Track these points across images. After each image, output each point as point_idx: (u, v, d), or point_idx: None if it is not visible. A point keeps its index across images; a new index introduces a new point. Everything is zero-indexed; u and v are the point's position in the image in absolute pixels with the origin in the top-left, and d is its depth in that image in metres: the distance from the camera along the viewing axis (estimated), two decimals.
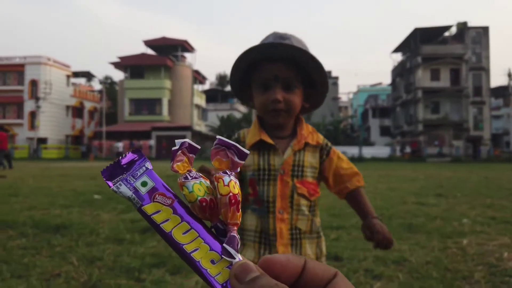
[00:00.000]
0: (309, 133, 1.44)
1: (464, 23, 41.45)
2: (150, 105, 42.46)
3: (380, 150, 40.57)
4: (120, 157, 0.41)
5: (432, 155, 38.08)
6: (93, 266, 2.98)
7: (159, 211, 0.37)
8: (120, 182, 0.39)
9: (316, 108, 1.50)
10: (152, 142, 37.88)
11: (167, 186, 0.39)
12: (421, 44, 41.50)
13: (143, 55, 43.17)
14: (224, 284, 0.34)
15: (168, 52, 44.50)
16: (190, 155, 0.39)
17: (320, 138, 1.45)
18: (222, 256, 0.35)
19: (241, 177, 1.40)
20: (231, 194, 0.37)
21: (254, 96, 1.40)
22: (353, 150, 37.48)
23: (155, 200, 0.37)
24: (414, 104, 41.80)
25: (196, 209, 0.37)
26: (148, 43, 43.91)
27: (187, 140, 0.39)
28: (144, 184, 0.38)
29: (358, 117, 61.40)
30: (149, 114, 42.31)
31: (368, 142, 48.45)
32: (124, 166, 0.40)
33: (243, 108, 51.79)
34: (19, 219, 4.63)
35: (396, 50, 48.09)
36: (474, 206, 6.15)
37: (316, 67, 1.34)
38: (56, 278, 2.72)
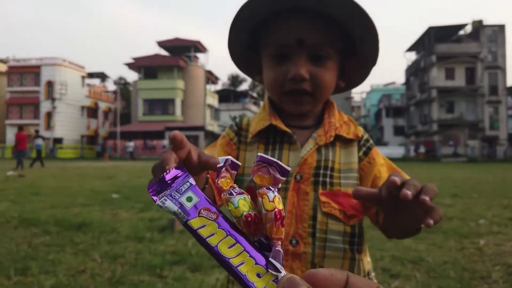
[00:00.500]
0: (342, 122, 0.98)
1: (480, 21, 40.84)
2: (163, 105, 42.83)
3: (393, 150, 40.23)
4: (165, 173, 0.43)
5: (447, 155, 37.65)
6: (116, 263, 3.07)
7: (205, 225, 0.37)
8: (165, 197, 0.40)
9: (355, 86, 1.04)
10: (165, 142, 38.21)
11: (210, 202, 0.40)
12: (436, 43, 41.01)
13: (156, 56, 43.57)
14: None
15: (181, 52, 44.83)
16: (233, 171, 0.41)
17: (360, 131, 0.98)
18: (268, 270, 0.36)
19: (236, 183, 0.91)
20: (276, 210, 0.37)
21: (263, 69, 0.96)
22: None
23: (200, 215, 0.38)
24: (429, 103, 41.35)
25: (241, 224, 0.38)
26: (161, 44, 44.30)
27: (229, 157, 0.41)
28: (189, 199, 0.39)
29: (371, 117, 60.97)
30: (162, 114, 42.69)
31: (381, 142, 48.10)
32: (168, 181, 0.42)
33: (255, 108, 51.91)
34: (42, 217, 4.76)
35: (410, 49, 47.61)
36: (490, 207, 6.12)
37: (362, 24, 0.85)
38: (82, 274, 2.82)
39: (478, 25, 40.86)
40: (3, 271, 2.81)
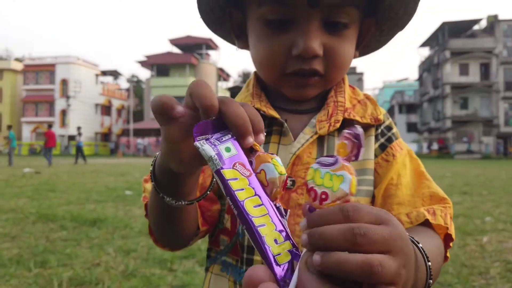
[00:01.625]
0: (356, 102, 0.73)
1: (495, 16, 40.18)
2: None
3: None
4: (212, 118, 0.42)
5: (461, 152, 37.25)
6: (129, 257, 3.24)
7: (237, 178, 0.37)
8: (204, 141, 0.40)
9: (368, 53, 0.80)
10: None
11: (246, 159, 0.40)
12: (450, 38, 40.50)
13: (168, 54, 43.96)
14: (282, 266, 0.34)
15: (193, 50, 45.12)
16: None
17: (380, 112, 0.72)
18: (286, 239, 0.36)
19: (219, 192, 0.70)
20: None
21: (251, 34, 0.69)
22: None
23: (235, 167, 0.38)
24: (442, 99, 40.90)
25: (278, 182, 0.38)
26: (174, 42, 44.65)
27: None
28: (228, 149, 0.39)
29: None
30: None
31: None
32: (213, 127, 0.41)
33: None
34: (59, 213, 4.97)
35: (424, 44, 47.09)
36: (499, 205, 6.14)
37: None
38: (97, 267, 2.99)
39: (493, 20, 40.19)
40: (24, 264, 3.00)
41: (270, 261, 0.34)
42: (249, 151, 0.41)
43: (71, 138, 42.80)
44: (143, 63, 45.19)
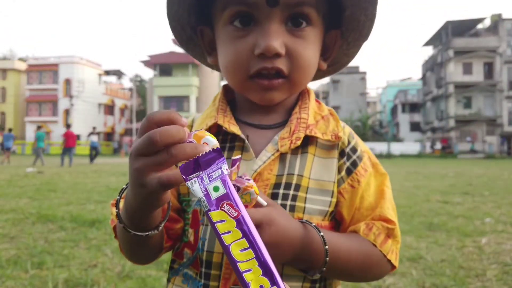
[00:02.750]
0: (320, 117, 0.72)
1: (499, 15, 39.99)
2: (178, 102, 43.28)
3: (409, 146, 39.82)
4: (201, 154, 0.42)
5: (464, 151, 37.11)
6: (126, 259, 3.24)
7: (224, 220, 0.37)
8: (196, 179, 0.40)
9: (339, 69, 0.81)
10: None
11: (237, 198, 0.40)
12: (453, 37, 40.35)
13: (171, 53, 44.01)
14: None
15: None
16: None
17: (341, 129, 0.71)
18: (273, 285, 0.36)
19: (182, 207, 0.72)
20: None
21: (219, 47, 0.71)
22: (382, 147, 36.99)
23: (222, 208, 0.38)
24: (445, 99, 40.75)
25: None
26: (177, 42, 44.69)
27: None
28: (216, 189, 0.39)
29: (387, 113, 60.36)
30: (177, 110, 41.95)
31: (397, 138, 47.63)
32: (203, 163, 0.42)
33: None
34: (58, 214, 4.99)
35: (427, 43, 46.92)
36: (500, 205, 6.11)
37: None
38: (94, 268, 3.00)
39: (497, 19, 40.02)
40: (21, 265, 3.01)
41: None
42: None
43: None
44: (146, 63, 45.27)
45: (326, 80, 52.17)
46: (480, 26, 42.07)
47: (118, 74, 55.47)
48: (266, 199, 0.57)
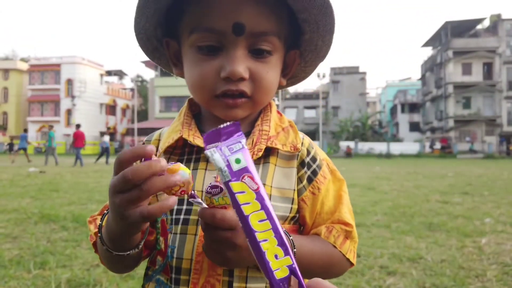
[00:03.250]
0: (280, 129, 0.77)
1: (498, 15, 39.99)
2: (179, 102, 43.32)
3: (409, 146, 39.84)
4: (222, 125, 0.45)
5: (463, 151, 37.11)
6: None
7: (244, 192, 0.39)
8: (215, 149, 0.42)
9: (296, 83, 0.87)
10: None
11: (256, 172, 0.41)
12: (452, 38, 40.36)
13: None
14: (280, 280, 0.37)
15: None
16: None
17: (299, 141, 0.76)
18: (286, 255, 0.38)
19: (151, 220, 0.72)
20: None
21: (185, 61, 0.74)
22: (381, 147, 37.06)
23: (243, 180, 0.39)
24: (445, 99, 40.76)
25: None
26: None
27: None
28: (237, 161, 0.40)
29: (386, 113, 60.38)
30: (178, 111, 42.74)
31: (396, 138, 47.65)
32: (223, 134, 0.44)
33: None
34: (60, 214, 5.01)
35: (426, 44, 46.93)
36: (500, 205, 6.13)
37: (317, 5, 0.68)
38: (96, 268, 3.02)
39: (497, 19, 40.03)
40: (24, 265, 3.04)
41: (270, 275, 0.36)
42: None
43: None
44: (147, 63, 45.31)
45: (326, 80, 52.22)
46: (479, 26, 42.08)
47: (120, 74, 55.53)
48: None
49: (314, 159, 0.77)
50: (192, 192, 0.54)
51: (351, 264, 0.77)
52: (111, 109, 49.78)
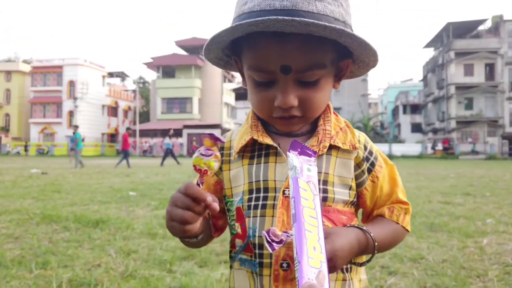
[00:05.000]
0: (338, 129, 0.88)
1: (500, 16, 39.93)
2: (181, 103, 43.38)
3: (410, 147, 39.78)
4: (306, 143, 0.61)
5: (465, 152, 37.02)
6: (129, 258, 3.27)
7: (306, 190, 0.48)
8: (296, 153, 0.54)
9: (354, 78, 0.96)
10: (180, 140, 38.83)
11: (317, 184, 0.53)
12: (454, 39, 40.31)
13: (174, 55, 44.13)
14: (311, 268, 0.41)
15: (198, 52, 45.25)
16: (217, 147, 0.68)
17: (356, 139, 0.88)
18: (322, 252, 0.45)
19: (227, 207, 0.90)
20: None
21: (248, 86, 0.86)
22: (383, 148, 36.95)
23: (308, 182, 0.50)
24: (447, 100, 40.70)
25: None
26: (179, 44, 44.81)
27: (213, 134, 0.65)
28: (309, 170, 0.51)
29: (388, 114, 60.30)
30: (180, 112, 43.25)
31: (398, 140, 47.58)
32: (304, 153, 0.57)
33: None
34: (62, 214, 5.03)
35: (428, 45, 46.89)
36: (501, 206, 6.11)
37: (358, 43, 0.76)
38: (97, 268, 3.03)
39: (498, 20, 39.95)
40: (26, 265, 3.05)
41: (304, 261, 0.40)
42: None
43: None
44: (149, 65, 45.39)
45: None
46: (481, 27, 42.01)
47: (122, 76, 55.63)
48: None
49: (371, 153, 0.90)
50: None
51: (407, 231, 0.93)
52: (113, 110, 49.86)
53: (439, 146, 38.63)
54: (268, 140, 0.84)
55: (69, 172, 13.06)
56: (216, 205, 0.68)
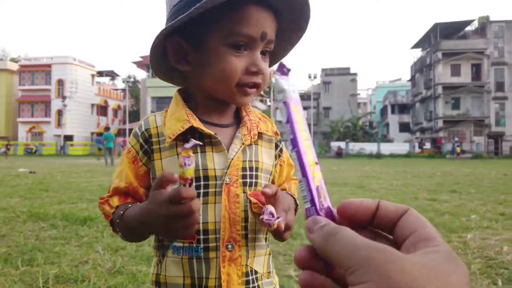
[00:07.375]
0: (258, 119, 0.97)
1: (486, 17, 40.50)
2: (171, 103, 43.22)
3: (398, 146, 40.15)
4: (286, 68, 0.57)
5: (452, 151, 37.49)
6: (117, 255, 3.27)
7: (298, 114, 0.47)
8: (284, 76, 0.51)
9: (278, 60, 1.03)
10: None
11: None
12: (441, 39, 40.78)
13: None
14: (316, 187, 0.43)
15: None
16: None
17: (275, 127, 1.01)
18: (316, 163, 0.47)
19: None
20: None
21: (205, 58, 0.85)
22: (372, 147, 37.30)
23: (296, 104, 0.48)
24: (434, 100, 41.16)
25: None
26: None
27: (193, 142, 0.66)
28: (293, 91, 0.49)
29: (377, 114, 60.77)
30: None
31: (386, 139, 47.98)
32: (288, 73, 0.53)
33: (261, 105, 52.01)
34: (50, 212, 4.99)
35: (416, 45, 47.35)
36: (486, 203, 6.23)
37: (304, 17, 0.89)
38: (84, 264, 3.03)
39: (485, 21, 40.51)
40: (12, 262, 3.03)
41: (310, 181, 0.42)
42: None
43: (67, 138, 42.62)
44: (139, 64, 45.11)
45: (317, 81, 52.36)
46: (468, 28, 42.55)
47: (111, 75, 55.20)
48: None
49: (280, 141, 1.02)
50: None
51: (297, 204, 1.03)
52: (102, 109, 49.45)
53: (427, 145, 39.04)
54: (209, 132, 0.87)
55: (57, 171, 12.92)
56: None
